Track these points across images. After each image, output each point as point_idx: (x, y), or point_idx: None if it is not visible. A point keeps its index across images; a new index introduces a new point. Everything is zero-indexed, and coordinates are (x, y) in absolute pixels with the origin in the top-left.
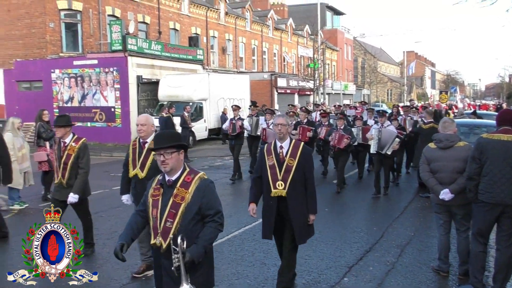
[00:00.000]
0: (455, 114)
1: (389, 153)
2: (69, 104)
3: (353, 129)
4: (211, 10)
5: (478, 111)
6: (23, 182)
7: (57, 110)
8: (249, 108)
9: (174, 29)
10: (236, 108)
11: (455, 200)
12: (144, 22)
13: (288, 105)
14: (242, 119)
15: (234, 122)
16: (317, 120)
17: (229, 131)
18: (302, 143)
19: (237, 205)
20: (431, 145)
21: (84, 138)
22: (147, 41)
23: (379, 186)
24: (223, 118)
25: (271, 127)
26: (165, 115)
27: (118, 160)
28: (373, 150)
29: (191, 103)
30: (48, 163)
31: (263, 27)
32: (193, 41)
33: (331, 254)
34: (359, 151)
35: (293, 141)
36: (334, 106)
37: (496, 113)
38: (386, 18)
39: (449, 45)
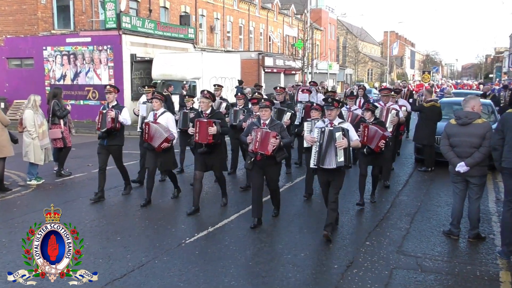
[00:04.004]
0: (438, 94)
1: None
2: (61, 82)
3: (305, 123)
4: None
5: (461, 91)
6: (44, 158)
7: (48, 88)
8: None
9: (164, 7)
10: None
11: (472, 172)
12: (135, 0)
13: (215, 85)
14: (121, 108)
15: (104, 112)
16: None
17: (97, 125)
18: None
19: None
20: (452, 121)
21: None
22: (141, 19)
23: (333, 221)
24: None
25: (161, 119)
26: (164, 94)
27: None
28: (312, 163)
29: (184, 82)
30: (62, 140)
31: (250, 5)
32: (184, 19)
33: (349, 222)
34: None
35: None
36: (275, 88)
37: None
38: None
39: (429, 25)
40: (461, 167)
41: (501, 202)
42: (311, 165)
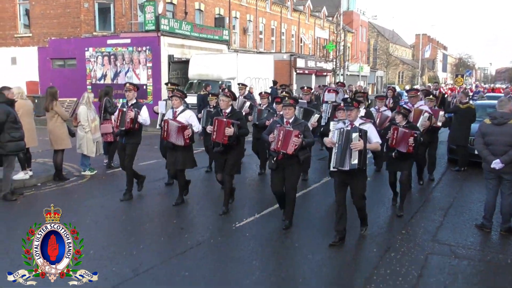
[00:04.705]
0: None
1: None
2: (102, 81)
3: (332, 123)
4: None
5: (490, 94)
6: (95, 151)
7: (90, 87)
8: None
9: (199, 9)
10: (132, 88)
11: (506, 169)
12: (171, 3)
13: (239, 84)
14: (141, 106)
15: (124, 110)
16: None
17: (115, 125)
18: None
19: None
20: (487, 121)
21: None
22: (178, 21)
23: (343, 229)
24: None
25: (181, 117)
26: (202, 93)
27: (153, 135)
28: (332, 166)
29: (220, 82)
30: (113, 135)
31: (282, 8)
32: (219, 22)
33: (385, 213)
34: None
35: None
36: (302, 88)
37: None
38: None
39: (462, 28)
40: (497, 164)
41: None
42: (331, 168)
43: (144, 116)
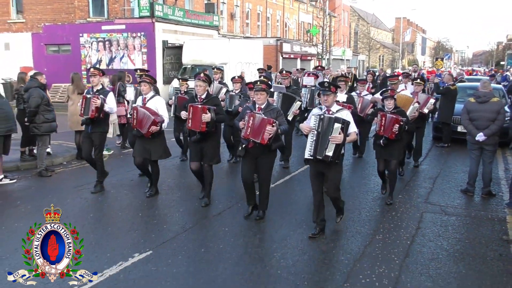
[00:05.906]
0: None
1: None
2: (97, 67)
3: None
4: None
5: (468, 77)
6: (112, 132)
7: (85, 72)
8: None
9: None
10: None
11: (487, 141)
12: None
13: (213, 68)
14: (106, 93)
15: (88, 97)
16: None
17: (80, 111)
18: None
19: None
20: (471, 99)
21: None
22: (171, 7)
23: (322, 220)
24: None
25: (150, 104)
26: None
27: None
28: (307, 154)
29: (213, 67)
30: (126, 117)
31: None
32: (209, 7)
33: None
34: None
35: None
36: (280, 72)
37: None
38: None
39: (440, 12)
40: (480, 137)
41: (509, 170)
42: (306, 156)
43: (110, 103)
